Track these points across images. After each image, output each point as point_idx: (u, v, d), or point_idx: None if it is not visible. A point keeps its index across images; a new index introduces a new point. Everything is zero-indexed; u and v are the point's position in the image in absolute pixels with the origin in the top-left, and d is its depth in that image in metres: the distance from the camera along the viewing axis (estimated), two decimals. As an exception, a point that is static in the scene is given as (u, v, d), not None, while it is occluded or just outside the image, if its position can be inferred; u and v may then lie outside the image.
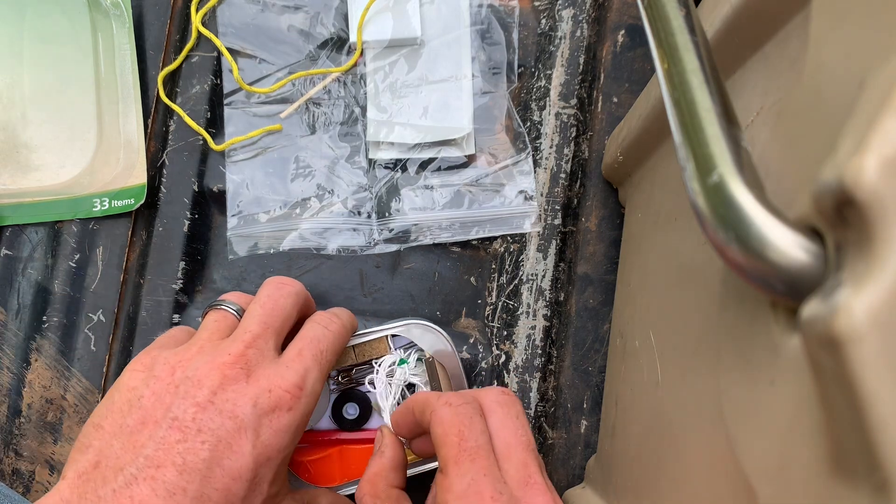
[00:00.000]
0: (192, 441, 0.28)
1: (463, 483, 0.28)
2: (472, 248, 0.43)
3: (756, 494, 0.19)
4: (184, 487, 0.27)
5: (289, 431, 0.30)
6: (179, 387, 0.29)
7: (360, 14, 0.43)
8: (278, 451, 0.29)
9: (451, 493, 0.28)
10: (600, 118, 0.44)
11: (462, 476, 0.28)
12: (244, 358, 0.30)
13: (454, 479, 0.28)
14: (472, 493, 0.27)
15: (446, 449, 0.29)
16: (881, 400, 0.14)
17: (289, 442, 0.30)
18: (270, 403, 0.29)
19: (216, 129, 0.44)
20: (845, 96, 0.17)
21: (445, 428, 0.29)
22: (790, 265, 0.16)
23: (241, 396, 0.29)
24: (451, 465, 0.28)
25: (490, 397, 0.31)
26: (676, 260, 0.30)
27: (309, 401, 0.31)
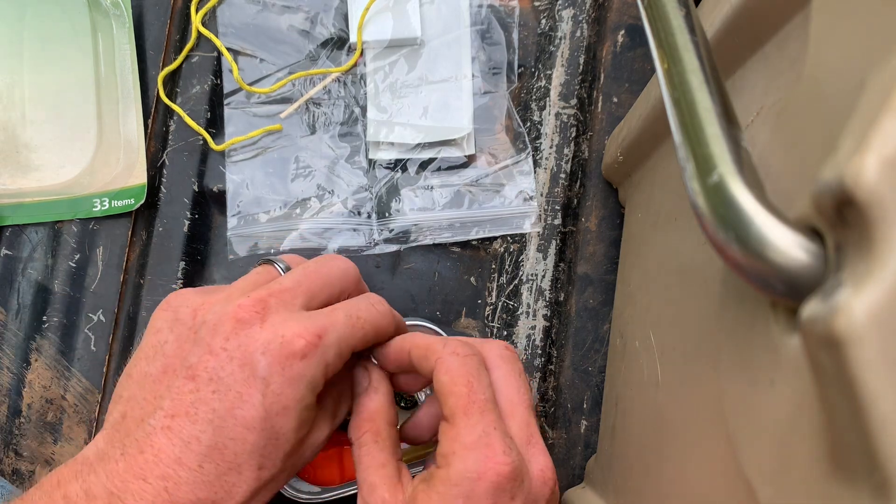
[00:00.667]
0: (204, 391, 0.27)
1: (473, 434, 0.27)
2: (472, 248, 0.43)
3: (756, 494, 0.19)
4: (198, 437, 0.27)
5: (302, 381, 0.27)
6: (198, 332, 0.29)
7: (360, 14, 0.43)
8: (296, 402, 0.27)
9: (460, 442, 0.27)
10: (600, 118, 0.44)
11: (472, 427, 0.27)
12: (263, 303, 0.29)
13: (463, 430, 0.27)
14: (483, 446, 0.27)
15: (454, 399, 0.28)
16: (881, 400, 0.14)
17: (305, 393, 0.28)
18: (282, 350, 0.27)
19: (216, 129, 0.44)
20: (845, 96, 0.17)
21: (453, 377, 0.28)
22: (790, 265, 0.16)
23: (252, 342, 0.28)
24: (461, 416, 0.28)
25: (494, 351, 0.31)
26: (676, 260, 0.30)
27: (329, 355, 0.28)
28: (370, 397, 0.31)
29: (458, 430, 0.27)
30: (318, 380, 0.28)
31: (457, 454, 0.27)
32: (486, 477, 0.26)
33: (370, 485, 0.29)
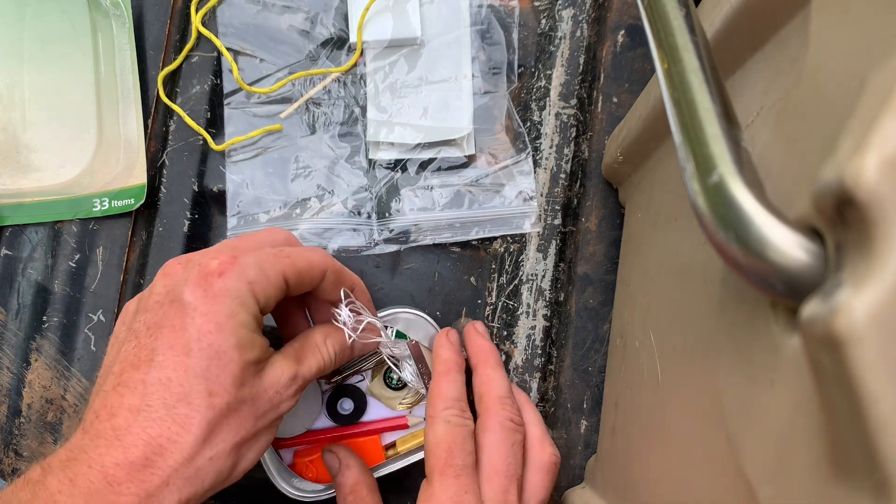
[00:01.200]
0: (144, 339, 0.28)
1: (445, 495, 0.30)
2: (472, 248, 0.43)
3: (756, 494, 0.19)
4: (142, 380, 0.27)
5: (226, 295, 0.28)
6: (139, 306, 0.30)
7: (360, 14, 0.43)
8: (226, 317, 0.27)
9: (434, 500, 0.31)
10: (600, 118, 0.44)
11: (445, 489, 0.31)
12: (186, 258, 0.30)
13: (437, 490, 0.31)
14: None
15: (434, 459, 0.32)
16: (881, 400, 0.14)
17: (235, 307, 0.28)
18: (200, 273, 0.28)
19: (216, 129, 0.44)
20: (845, 96, 0.17)
21: (437, 440, 0.32)
22: (790, 265, 0.16)
23: (176, 280, 0.29)
24: (437, 477, 0.31)
25: (496, 418, 0.34)
26: (676, 260, 0.30)
27: (249, 273, 0.28)
28: (345, 473, 0.36)
29: (433, 489, 0.31)
30: (245, 294, 0.28)
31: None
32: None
33: None
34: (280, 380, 0.29)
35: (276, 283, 0.30)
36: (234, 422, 0.28)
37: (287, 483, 0.38)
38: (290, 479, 0.38)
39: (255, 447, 0.30)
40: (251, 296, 0.28)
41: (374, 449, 0.40)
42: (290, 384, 0.30)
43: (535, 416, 0.37)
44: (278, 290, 0.30)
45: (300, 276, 0.31)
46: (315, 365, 0.32)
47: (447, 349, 0.37)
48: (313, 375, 0.31)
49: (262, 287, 0.29)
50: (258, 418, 0.29)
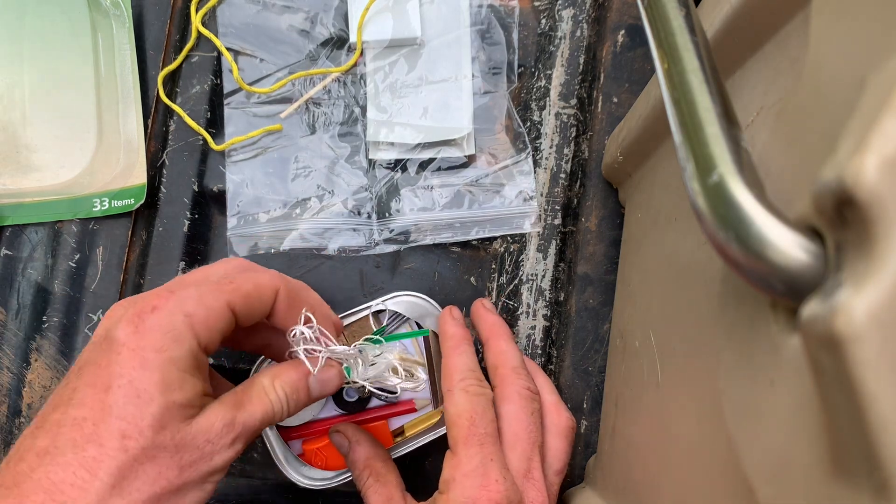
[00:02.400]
0: (70, 379, 0.26)
1: (471, 464, 0.30)
2: (472, 248, 0.43)
3: (756, 494, 0.19)
4: (57, 420, 0.24)
5: (157, 330, 0.26)
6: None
7: (360, 14, 0.43)
8: (154, 352, 0.25)
9: (460, 470, 0.30)
10: (600, 118, 0.44)
11: (471, 457, 0.30)
12: (130, 299, 0.28)
13: (463, 459, 0.31)
14: (479, 475, 0.30)
15: (457, 430, 0.31)
16: (881, 400, 0.14)
17: (166, 342, 0.26)
18: (134, 311, 0.26)
19: (216, 129, 0.44)
20: (845, 96, 0.17)
21: (459, 411, 0.32)
22: (790, 265, 0.16)
23: (113, 321, 0.27)
24: (461, 446, 0.31)
25: (514, 387, 0.34)
26: (676, 260, 0.30)
27: (187, 305, 0.26)
28: (356, 450, 0.35)
29: (459, 458, 0.31)
30: (179, 328, 0.26)
31: (456, 481, 0.30)
32: (480, 503, 0.29)
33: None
34: (212, 427, 0.26)
35: (220, 314, 0.27)
36: (151, 470, 0.25)
37: (297, 472, 0.38)
38: (300, 468, 0.39)
39: (181, 503, 0.26)
40: (188, 330, 0.26)
41: (382, 434, 0.40)
42: (224, 432, 0.26)
43: (547, 384, 0.37)
44: (222, 322, 0.27)
45: (247, 300, 0.28)
46: (259, 411, 0.28)
47: (453, 325, 0.37)
48: (257, 423, 0.28)
49: (202, 319, 0.27)
50: (183, 468, 0.25)
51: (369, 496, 0.33)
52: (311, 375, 0.30)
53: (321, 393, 0.31)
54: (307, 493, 0.42)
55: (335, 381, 0.31)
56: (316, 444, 0.40)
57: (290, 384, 0.30)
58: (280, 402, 0.29)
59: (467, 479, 0.30)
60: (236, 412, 0.27)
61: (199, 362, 0.27)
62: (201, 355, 0.27)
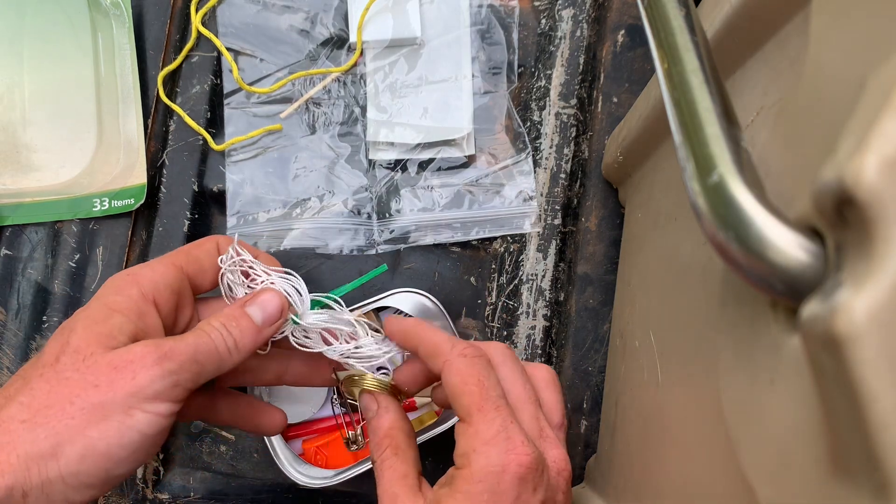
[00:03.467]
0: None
1: (491, 430, 0.28)
2: (472, 248, 0.43)
3: (756, 494, 0.19)
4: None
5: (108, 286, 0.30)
6: None
7: (360, 14, 0.43)
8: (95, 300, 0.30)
9: (479, 439, 0.28)
10: (600, 118, 0.44)
11: (490, 423, 0.28)
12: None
13: (481, 427, 0.28)
14: (503, 440, 0.27)
15: (468, 398, 0.29)
16: (881, 400, 0.14)
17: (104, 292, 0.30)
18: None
19: (216, 129, 0.44)
20: (845, 96, 0.17)
21: (464, 377, 0.29)
22: (790, 265, 0.16)
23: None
24: (476, 413, 0.28)
25: (496, 350, 0.32)
26: (676, 260, 0.30)
27: (132, 269, 0.31)
28: (383, 417, 0.32)
29: (476, 427, 0.28)
30: (121, 283, 0.30)
31: (477, 451, 0.27)
32: (510, 469, 0.27)
33: (392, 495, 0.29)
34: (132, 349, 0.28)
35: (163, 270, 0.31)
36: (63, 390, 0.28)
37: (297, 471, 0.38)
38: (300, 467, 0.39)
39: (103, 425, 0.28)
40: (130, 283, 0.30)
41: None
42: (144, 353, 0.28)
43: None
44: (167, 276, 0.31)
45: (189, 255, 0.32)
46: (191, 339, 0.29)
47: (398, 320, 0.33)
48: (190, 349, 0.29)
49: (146, 275, 0.30)
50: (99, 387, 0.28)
51: (384, 470, 0.31)
52: (248, 303, 0.31)
53: (264, 316, 0.31)
54: (307, 493, 0.42)
55: (273, 302, 0.31)
56: (316, 443, 0.40)
57: (226, 315, 0.31)
58: (217, 331, 0.30)
59: (491, 447, 0.27)
60: (163, 340, 0.29)
61: (137, 307, 0.29)
62: (143, 303, 0.30)
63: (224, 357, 0.30)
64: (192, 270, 0.32)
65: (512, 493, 0.27)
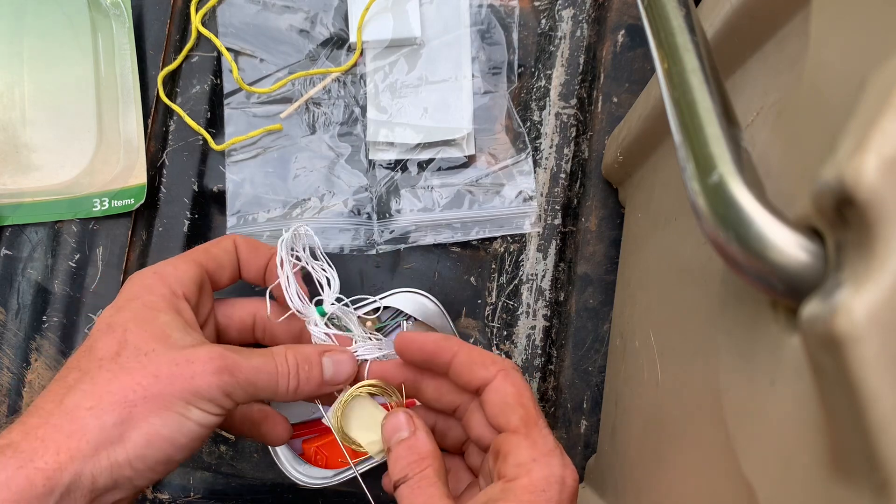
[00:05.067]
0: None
1: (548, 444, 0.29)
2: (472, 248, 0.43)
3: (756, 494, 0.19)
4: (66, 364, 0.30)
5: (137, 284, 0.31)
6: None
7: (360, 14, 0.43)
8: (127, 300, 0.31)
9: (537, 450, 0.28)
10: (600, 118, 0.44)
11: (545, 437, 0.29)
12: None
13: (539, 439, 0.29)
14: (559, 454, 0.28)
15: (524, 410, 0.29)
16: (881, 400, 0.14)
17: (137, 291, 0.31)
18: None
19: (216, 129, 0.44)
20: (845, 96, 0.17)
21: (520, 390, 0.30)
22: (790, 265, 0.16)
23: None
24: (533, 427, 0.29)
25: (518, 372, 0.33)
26: (676, 260, 0.30)
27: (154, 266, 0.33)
28: (422, 438, 0.31)
29: (534, 439, 0.29)
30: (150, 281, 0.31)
31: (539, 461, 0.28)
32: (568, 483, 0.28)
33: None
34: (196, 352, 0.29)
35: (185, 266, 0.32)
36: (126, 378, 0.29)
37: (297, 471, 0.38)
38: (300, 467, 0.39)
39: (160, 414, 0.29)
40: (158, 281, 0.31)
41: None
42: (207, 359, 0.29)
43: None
44: (190, 271, 0.32)
45: (208, 253, 0.34)
46: (259, 361, 0.30)
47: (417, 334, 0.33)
48: (252, 370, 0.30)
49: (170, 272, 0.32)
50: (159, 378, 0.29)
51: (424, 487, 0.29)
52: (327, 354, 0.32)
53: (334, 375, 0.32)
54: (307, 493, 0.42)
55: (347, 366, 0.33)
56: (316, 443, 0.40)
57: (303, 354, 0.32)
58: (286, 365, 0.31)
59: (552, 458, 0.28)
60: (230, 353, 0.30)
61: (174, 304, 0.31)
62: (176, 300, 0.31)
63: (280, 393, 0.31)
64: (211, 267, 0.34)
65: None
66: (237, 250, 0.35)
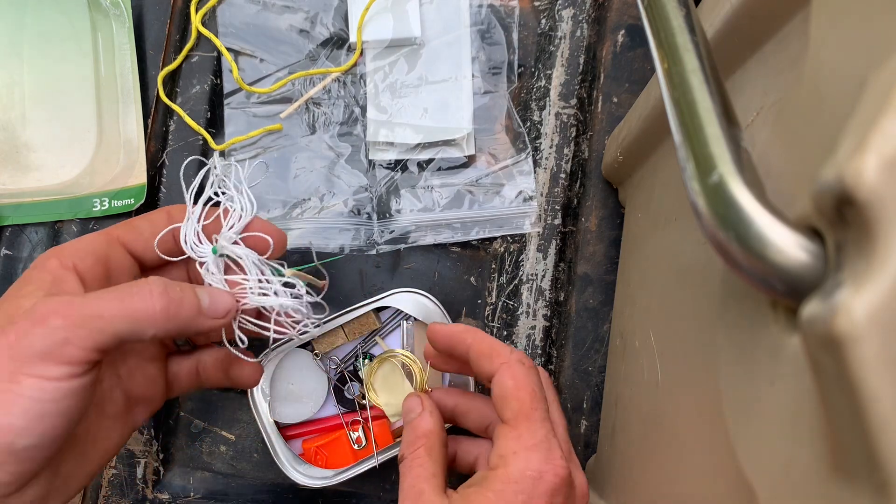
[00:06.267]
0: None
1: (536, 437, 0.29)
2: (472, 248, 0.43)
3: (756, 494, 0.19)
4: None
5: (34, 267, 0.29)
6: None
7: (360, 14, 0.43)
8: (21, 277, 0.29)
9: (522, 443, 0.28)
10: (600, 118, 0.44)
11: (535, 431, 0.29)
12: None
13: (525, 433, 0.29)
14: (545, 449, 0.28)
15: (518, 403, 0.29)
16: (881, 400, 0.14)
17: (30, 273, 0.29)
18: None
19: (216, 129, 0.44)
20: (845, 96, 0.17)
21: (519, 383, 0.30)
22: (790, 265, 0.16)
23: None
24: (523, 420, 0.29)
25: (542, 372, 0.33)
26: (676, 260, 0.30)
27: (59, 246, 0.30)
28: (425, 419, 0.33)
29: (520, 432, 0.29)
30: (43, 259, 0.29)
31: (518, 454, 0.28)
32: (546, 478, 0.28)
33: (418, 491, 0.29)
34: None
35: (90, 239, 0.30)
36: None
37: (297, 470, 0.38)
38: (300, 467, 0.39)
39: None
40: (53, 254, 0.29)
41: (382, 432, 0.40)
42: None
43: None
44: (91, 244, 0.29)
45: (130, 224, 0.31)
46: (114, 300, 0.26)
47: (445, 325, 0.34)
48: (89, 304, 0.26)
49: (71, 244, 0.29)
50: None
51: (413, 466, 0.31)
52: (197, 288, 0.29)
53: (210, 304, 0.29)
54: (307, 493, 0.42)
55: (225, 297, 0.30)
56: (316, 443, 0.40)
57: (170, 280, 0.29)
58: (148, 286, 0.27)
59: (532, 452, 0.28)
60: (66, 296, 0.27)
61: (53, 275, 0.28)
62: (61, 270, 0.28)
63: (148, 319, 0.27)
64: (130, 240, 0.31)
65: (544, 500, 0.28)
66: (170, 220, 0.31)
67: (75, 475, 0.29)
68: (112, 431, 0.31)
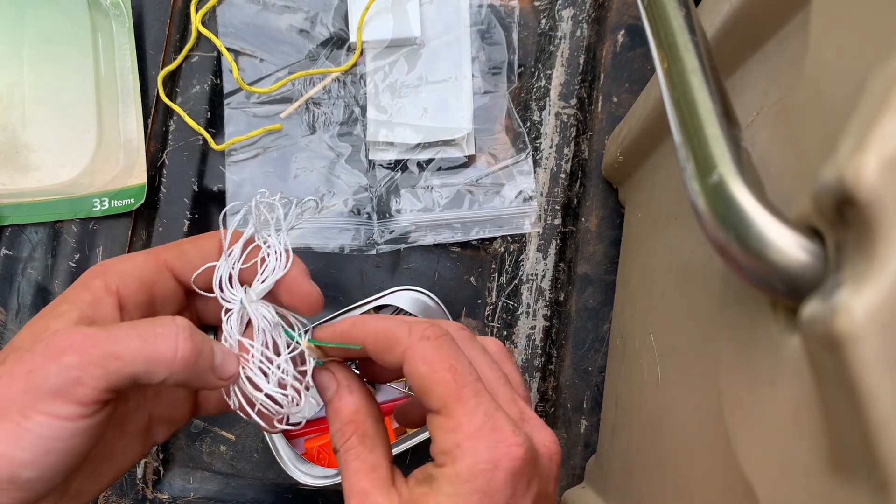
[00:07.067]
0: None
1: (475, 421, 0.24)
2: (472, 248, 0.43)
3: (756, 494, 0.19)
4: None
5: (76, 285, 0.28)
6: None
7: (360, 14, 0.43)
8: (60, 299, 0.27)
9: (462, 433, 0.24)
10: (600, 118, 0.44)
11: (471, 413, 0.24)
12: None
13: (463, 419, 0.24)
14: (490, 431, 0.24)
15: (441, 387, 0.25)
16: (881, 400, 0.14)
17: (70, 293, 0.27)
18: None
19: (216, 129, 0.44)
20: (845, 96, 0.17)
21: (432, 365, 0.25)
22: (790, 265, 0.16)
23: None
24: (454, 404, 0.24)
25: (453, 330, 0.27)
26: (676, 260, 0.30)
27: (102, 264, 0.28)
28: (344, 398, 0.28)
29: (457, 419, 0.24)
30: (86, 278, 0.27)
31: (462, 446, 0.24)
32: (502, 465, 0.24)
33: (360, 491, 0.25)
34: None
35: (135, 265, 0.28)
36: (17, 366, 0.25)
37: (299, 469, 0.38)
38: (302, 466, 0.39)
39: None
40: (94, 278, 0.27)
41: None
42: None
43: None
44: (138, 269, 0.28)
45: (179, 248, 0.28)
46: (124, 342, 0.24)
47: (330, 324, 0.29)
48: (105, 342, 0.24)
49: (114, 269, 0.27)
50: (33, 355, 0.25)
51: (349, 461, 0.26)
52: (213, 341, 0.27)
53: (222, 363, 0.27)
54: (307, 493, 0.42)
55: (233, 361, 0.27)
56: (318, 442, 0.40)
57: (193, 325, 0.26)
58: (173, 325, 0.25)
59: (478, 441, 0.24)
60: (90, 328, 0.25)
61: (94, 297, 0.27)
62: (102, 293, 0.27)
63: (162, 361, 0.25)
64: (178, 266, 0.28)
65: (506, 491, 0.24)
66: (221, 249, 0.29)
67: (85, 492, 0.27)
68: (129, 450, 0.29)
